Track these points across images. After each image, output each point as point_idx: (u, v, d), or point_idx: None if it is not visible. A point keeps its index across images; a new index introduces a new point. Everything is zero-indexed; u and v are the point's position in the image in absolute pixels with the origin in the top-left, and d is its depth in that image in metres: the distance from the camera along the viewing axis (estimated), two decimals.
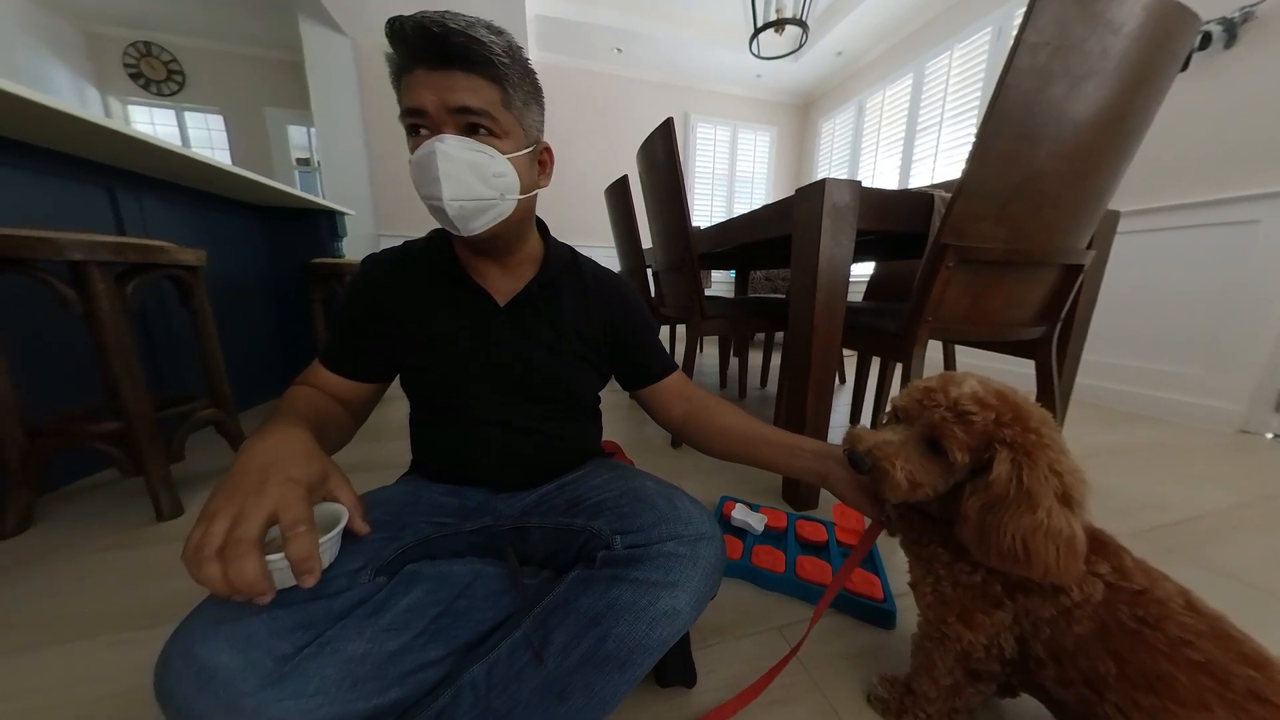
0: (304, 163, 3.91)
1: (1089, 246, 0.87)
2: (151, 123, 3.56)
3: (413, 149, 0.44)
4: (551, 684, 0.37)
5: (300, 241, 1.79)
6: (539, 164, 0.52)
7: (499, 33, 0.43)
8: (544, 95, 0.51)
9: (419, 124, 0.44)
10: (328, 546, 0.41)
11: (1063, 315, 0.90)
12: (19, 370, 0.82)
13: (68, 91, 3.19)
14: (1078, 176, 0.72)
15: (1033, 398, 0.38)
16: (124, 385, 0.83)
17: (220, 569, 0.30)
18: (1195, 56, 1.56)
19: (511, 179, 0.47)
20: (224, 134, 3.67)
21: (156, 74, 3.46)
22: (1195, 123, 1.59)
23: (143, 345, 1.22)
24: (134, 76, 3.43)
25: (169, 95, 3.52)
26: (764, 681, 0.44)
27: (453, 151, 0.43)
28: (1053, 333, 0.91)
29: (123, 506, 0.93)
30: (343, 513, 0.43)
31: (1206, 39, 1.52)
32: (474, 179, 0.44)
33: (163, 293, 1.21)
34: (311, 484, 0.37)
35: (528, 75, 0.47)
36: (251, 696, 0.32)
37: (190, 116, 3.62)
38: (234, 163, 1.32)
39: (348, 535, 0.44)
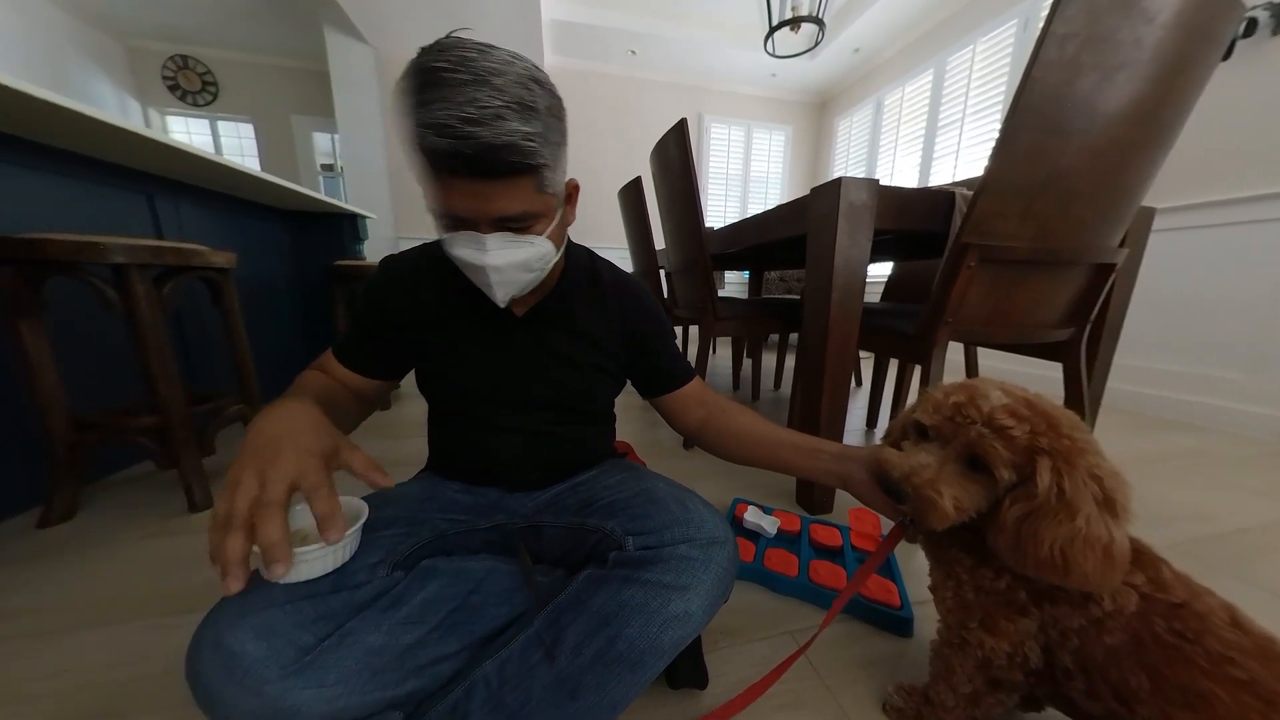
0: (328, 168, 4.04)
1: (1121, 245, 0.83)
2: (187, 132, 3.73)
3: (445, 235, 0.41)
4: (563, 682, 0.38)
5: (324, 244, 1.85)
6: (567, 201, 0.49)
7: (530, 112, 0.36)
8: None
9: (453, 226, 0.41)
10: (349, 540, 0.42)
11: (1093, 316, 0.87)
12: (65, 367, 0.87)
13: (111, 104, 3.37)
14: (1109, 172, 0.69)
15: (1060, 402, 0.36)
16: (160, 382, 0.87)
17: (244, 538, 0.30)
18: (1239, 44, 1.48)
19: (550, 252, 0.45)
20: (254, 141, 3.82)
21: (192, 85, 3.63)
22: (1238, 114, 1.51)
23: (177, 343, 1.28)
24: (172, 88, 3.60)
25: (203, 105, 3.69)
26: (771, 678, 0.43)
27: (500, 262, 0.41)
28: (1082, 335, 0.88)
29: (158, 497, 0.97)
30: (363, 508, 0.45)
31: (1252, 25, 1.44)
32: (521, 273, 0.44)
33: (196, 293, 1.27)
34: (325, 455, 0.36)
35: (556, 129, 0.40)
36: (274, 684, 0.33)
37: (223, 125, 3.78)
38: (263, 169, 1.38)
39: (367, 530, 0.45)
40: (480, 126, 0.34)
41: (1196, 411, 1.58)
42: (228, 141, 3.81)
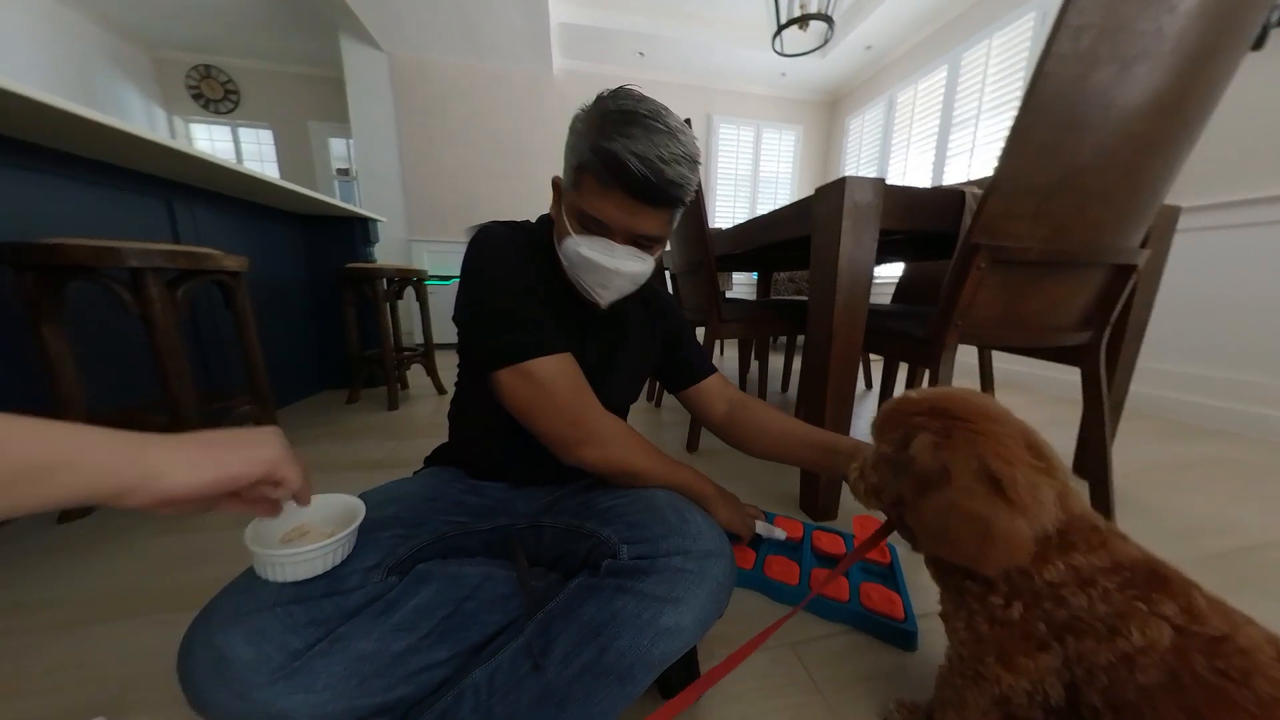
0: (343, 173, 4.13)
1: (1143, 245, 0.80)
2: (210, 139, 3.84)
3: (573, 234, 0.47)
4: (551, 693, 0.37)
5: (335, 247, 1.89)
6: None
7: (695, 165, 0.45)
8: None
9: (599, 232, 0.47)
10: (343, 542, 0.43)
11: (1113, 319, 0.83)
12: (83, 366, 0.90)
13: (139, 113, 3.49)
14: (1128, 169, 0.66)
15: (1080, 407, 0.36)
16: (173, 382, 0.89)
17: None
18: (1272, 33, 1.41)
19: (651, 270, 0.52)
20: (273, 148, 3.92)
21: (215, 94, 3.74)
22: (1270, 107, 1.44)
23: (190, 344, 1.31)
24: (195, 97, 3.72)
25: (225, 113, 3.80)
26: (755, 642, 0.41)
27: (625, 269, 0.48)
28: (1101, 338, 0.84)
29: None
30: (359, 509, 0.45)
31: None
32: (630, 284, 0.51)
33: (211, 296, 1.31)
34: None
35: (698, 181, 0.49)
36: (263, 689, 0.34)
37: (243, 132, 3.89)
38: (281, 175, 1.42)
39: (366, 529, 0.45)
40: (667, 165, 0.43)
41: (1225, 417, 1.51)
42: (248, 148, 3.91)
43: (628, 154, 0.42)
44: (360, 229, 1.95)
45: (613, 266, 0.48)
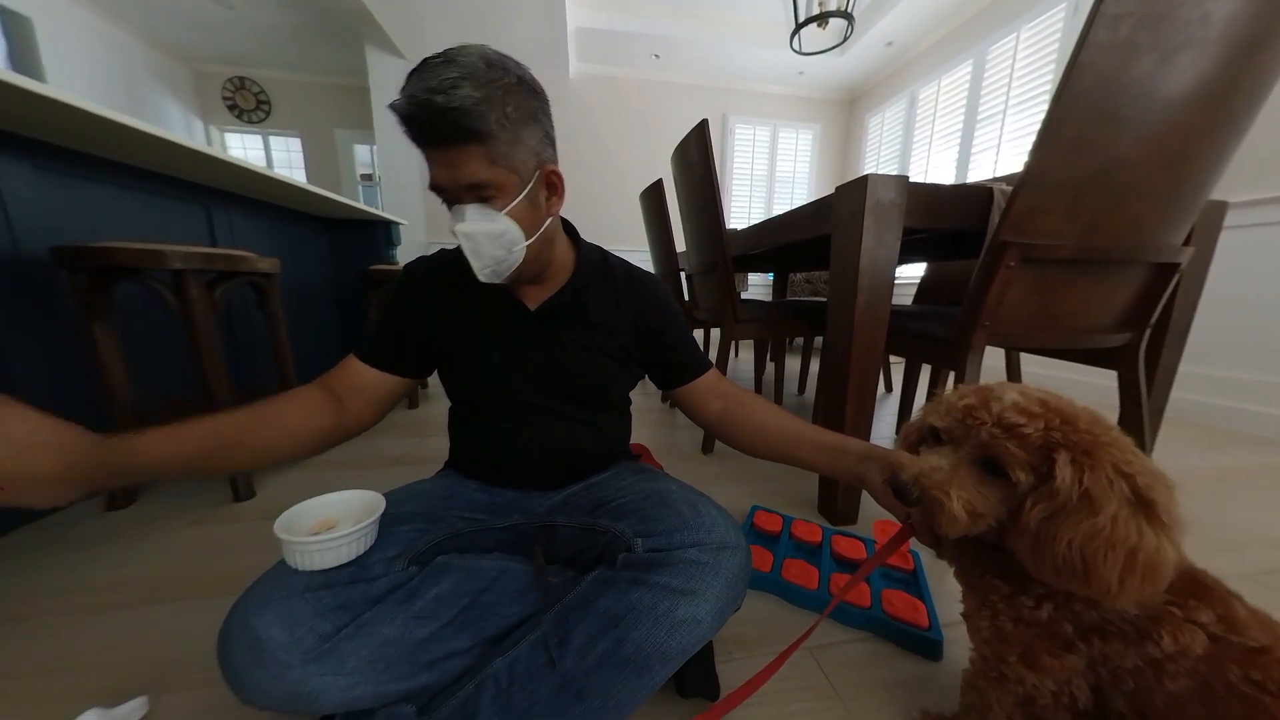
0: (367, 178, 4.26)
1: (1186, 242, 0.76)
2: (243, 148, 4.02)
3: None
4: (569, 683, 0.38)
5: (360, 250, 1.95)
6: (547, 189, 0.50)
7: (464, 80, 0.40)
8: (546, 101, 0.48)
9: (443, 198, 0.46)
10: (367, 532, 0.44)
11: (1152, 320, 0.79)
12: (128, 362, 0.95)
13: (179, 123, 3.68)
14: (1171, 163, 0.63)
15: (1116, 413, 0.33)
16: (211, 379, 0.93)
17: None
18: None
19: (513, 233, 0.47)
20: (301, 155, 4.08)
21: (248, 104, 3.92)
22: None
23: (226, 342, 1.37)
24: (230, 108, 3.90)
25: (257, 122, 3.97)
26: (772, 667, 0.41)
27: (473, 229, 0.45)
28: (1140, 340, 0.81)
29: (206, 487, 1.04)
30: (380, 502, 0.46)
31: None
32: (489, 246, 0.47)
33: (245, 296, 1.36)
34: None
35: (511, 104, 0.43)
36: (295, 669, 0.35)
37: (274, 140, 4.06)
38: (309, 180, 1.49)
39: (385, 524, 0.47)
40: (440, 94, 0.39)
41: (1274, 425, 1.42)
42: (278, 155, 4.08)
43: (401, 99, 0.40)
44: (383, 232, 2.01)
45: (459, 229, 0.46)
